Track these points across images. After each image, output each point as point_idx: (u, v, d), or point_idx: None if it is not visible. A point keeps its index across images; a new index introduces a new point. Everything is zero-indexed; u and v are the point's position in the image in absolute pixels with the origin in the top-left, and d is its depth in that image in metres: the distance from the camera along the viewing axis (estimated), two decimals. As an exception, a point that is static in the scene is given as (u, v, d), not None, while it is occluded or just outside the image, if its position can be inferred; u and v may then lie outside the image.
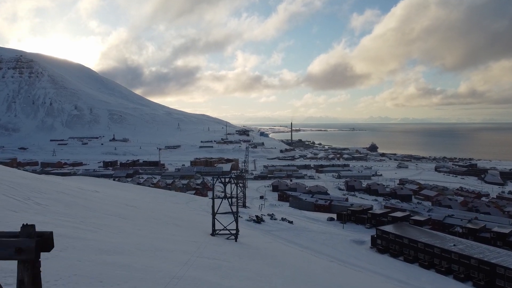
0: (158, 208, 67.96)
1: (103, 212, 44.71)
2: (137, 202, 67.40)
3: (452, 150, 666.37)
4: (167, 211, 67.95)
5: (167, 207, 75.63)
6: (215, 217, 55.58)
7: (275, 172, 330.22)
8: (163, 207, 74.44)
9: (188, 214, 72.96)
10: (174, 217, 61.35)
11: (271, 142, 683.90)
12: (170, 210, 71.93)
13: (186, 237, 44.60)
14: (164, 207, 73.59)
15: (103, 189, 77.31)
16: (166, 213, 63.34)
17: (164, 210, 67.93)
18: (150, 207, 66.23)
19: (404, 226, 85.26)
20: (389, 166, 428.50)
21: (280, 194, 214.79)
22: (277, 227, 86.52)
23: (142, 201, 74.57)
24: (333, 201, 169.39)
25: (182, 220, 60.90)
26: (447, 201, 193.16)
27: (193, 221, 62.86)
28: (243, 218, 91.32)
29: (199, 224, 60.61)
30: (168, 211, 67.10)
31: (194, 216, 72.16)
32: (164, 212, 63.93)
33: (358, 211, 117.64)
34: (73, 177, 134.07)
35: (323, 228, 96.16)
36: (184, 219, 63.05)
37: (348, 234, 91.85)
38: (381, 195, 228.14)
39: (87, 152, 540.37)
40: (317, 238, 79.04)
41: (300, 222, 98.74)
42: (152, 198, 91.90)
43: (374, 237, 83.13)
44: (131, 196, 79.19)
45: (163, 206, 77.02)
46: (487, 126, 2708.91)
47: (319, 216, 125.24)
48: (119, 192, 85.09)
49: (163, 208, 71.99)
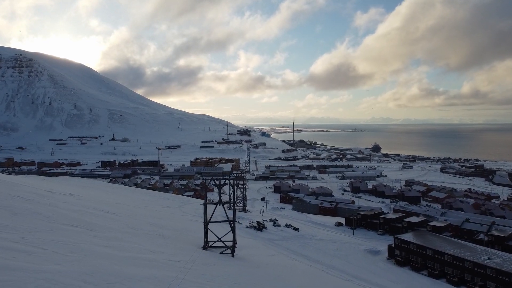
0: (143, 214, 58.91)
1: (63, 222, 35.40)
2: (119, 207, 58.35)
3: (456, 150, 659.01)
4: (154, 217, 58.85)
5: (155, 213, 66.57)
6: (208, 226, 46.28)
7: (277, 173, 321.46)
8: (150, 212, 65.35)
9: (179, 221, 63.69)
10: (161, 226, 52.07)
11: (272, 142, 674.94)
12: (158, 216, 62.84)
13: (169, 255, 35.22)
14: (151, 213, 64.54)
15: (84, 192, 68.26)
16: (151, 221, 54.08)
17: (150, 216, 58.85)
18: (133, 213, 57.11)
19: (425, 235, 75.66)
20: (393, 166, 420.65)
21: (283, 196, 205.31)
22: (280, 235, 77.10)
23: (126, 205, 65.58)
24: (339, 204, 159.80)
25: (169, 229, 51.61)
26: (458, 203, 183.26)
27: (183, 230, 53.55)
28: (243, 224, 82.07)
29: (189, 234, 51.28)
30: (154, 218, 57.99)
31: (186, 223, 62.90)
32: (149, 219, 54.72)
33: (369, 216, 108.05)
34: (59, 178, 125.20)
35: (332, 235, 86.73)
36: (173, 227, 53.76)
37: (360, 242, 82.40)
38: (388, 197, 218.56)
39: (86, 152, 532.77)
40: (326, 248, 69.68)
41: (306, 229, 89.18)
42: (141, 201, 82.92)
43: (392, 247, 73.61)
44: (115, 200, 70.26)
45: (150, 211, 68.00)
46: (490, 127, 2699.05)
47: (326, 220, 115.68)
48: (102, 195, 76.17)
49: (150, 213, 62.93)
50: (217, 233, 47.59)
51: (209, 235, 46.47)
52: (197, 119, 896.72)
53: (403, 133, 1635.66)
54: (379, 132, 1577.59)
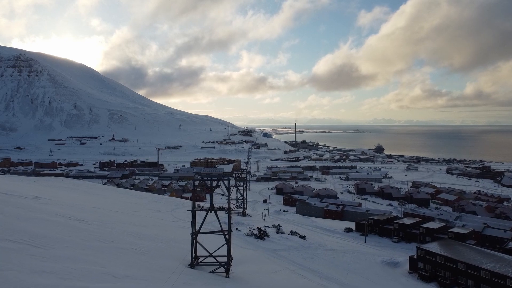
0: (123, 221, 49.98)
1: (2, 235, 26.34)
2: (94, 213, 49.47)
3: (460, 152, 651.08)
4: (135, 225, 49.87)
5: (140, 219, 57.59)
6: (198, 238, 37.14)
7: (279, 174, 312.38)
8: (133, 218, 56.33)
9: (167, 229, 54.58)
10: (142, 236, 42.88)
11: (274, 143, 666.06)
12: (142, 223, 53.87)
13: (138, 280, 26.08)
14: (134, 219, 55.56)
15: (59, 194, 59.35)
16: (131, 229, 44.97)
17: (131, 223, 49.91)
18: (110, 220, 48.11)
19: (453, 244, 66.10)
20: (398, 168, 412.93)
21: (285, 197, 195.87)
22: (285, 244, 67.68)
23: (105, 210, 56.71)
24: (346, 207, 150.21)
25: (152, 239, 42.45)
26: (471, 206, 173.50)
27: (169, 241, 44.35)
28: (242, 231, 72.78)
29: (176, 246, 42.08)
30: (136, 226, 49.03)
31: (175, 231, 53.71)
32: (129, 228, 45.65)
33: (382, 221, 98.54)
34: (45, 178, 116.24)
35: (342, 243, 77.35)
36: (157, 237, 44.61)
37: (375, 251, 73.04)
38: (396, 199, 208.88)
39: (85, 152, 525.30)
40: (339, 260, 60.44)
41: (314, 236, 79.74)
42: (127, 205, 74.02)
43: (414, 259, 64.16)
44: (95, 204, 61.45)
45: (134, 217, 59.05)
46: (492, 129, 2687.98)
47: (334, 225, 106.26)
48: (81, 197, 67.41)
49: (132, 220, 53.96)
50: (209, 245, 38.47)
51: (198, 248, 37.37)
52: (198, 120, 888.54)
53: (405, 134, 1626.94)
54: (381, 133, 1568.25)
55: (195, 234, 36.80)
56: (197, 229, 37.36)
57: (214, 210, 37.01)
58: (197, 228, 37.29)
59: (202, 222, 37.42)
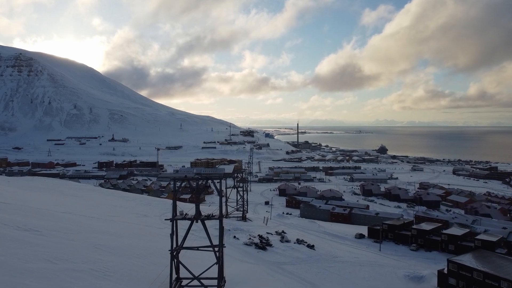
0: (95, 230, 41.25)
1: None
2: (58, 220, 40.78)
3: (464, 152, 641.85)
4: (110, 234, 41.13)
5: (118, 225, 48.86)
6: (180, 255, 28.17)
7: (281, 174, 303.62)
8: (109, 226, 47.52)
9: (150, 239, 45.69)
10: (112, 249, 33.99)
11: (276, 143, 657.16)
12: (119, 231, 45.12)
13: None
14: (110, 227, 46.80)
15: (25, 197, 50.53)
16: (102, 241, 36.13)
17: (104, 233, 41.21)
18: (76, 229, 39.33)
19: (490, 256, 56.82)
20: (403, 168, 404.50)
21: (289, 199, 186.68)
22: (291, 255, 58.35)
23: (78, 216, 48.09)
24: (354, 209, 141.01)
25: (125, 254, 33.57)
26: (484, 208, 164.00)
27: (146, 257, 35.45)
28: (240, 240, 63.48)
29: (155, 263, 33.14)
30: (109, 236, 40.32)
31: (157, 241, 44.55)
32: (100, 239, 36.84)
33: (398, 226, 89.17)
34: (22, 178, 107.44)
35: (356, 252, 68.23)
36: (131, 251, 35.71)
37: (394, 263, 63.96)
38: (404, 201, 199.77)
39: (85, 153, 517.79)
40: (355, 275, 51.44)
41: (323, 244, 70.50)
42: (109, 209, 65.33)
43: (444, 274, 55.04)
44: (68, 208, 52.84)
45: (113, 223, 50.29)
46: (495, 130, 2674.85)
47: (343, 230, 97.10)
48: (55, 201, 58.78)
49: (107, 228, 45.19)
50: (196, 264, 29.56)
51: (181, 269, 28.50)
52: (200, 120, 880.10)
53: (408, 135, 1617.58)
54: (383, 134, 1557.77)
55: (175, 251, 28.02)
56: (179, 243, 28.52)
57: (201, 218, 28.17)
58: (179, 242, 28.48)
59: (185, 234, 28.53)
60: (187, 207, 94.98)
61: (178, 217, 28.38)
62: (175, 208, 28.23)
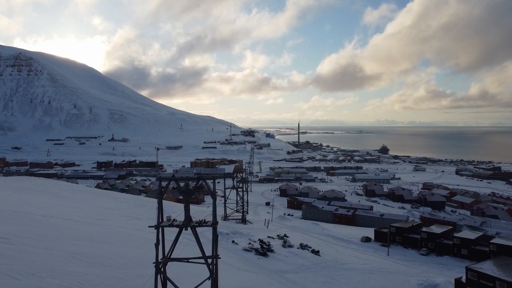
0: (76, 237, 37.01)
1: None
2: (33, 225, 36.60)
3: (467, 153, 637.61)
4: (91, 241, 36.86)
5: (103, 231, 44.58)
6: (167, 268, 23.89)
7: (282, 175, 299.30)
8: (94, 231, 43.21)
9: (135, 246, 41.29)
10: (91, 259, 29.75)
11: (277, 143, 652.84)
12: (104, 237, 40.85)
13: None
14: (95, 232, 42.50)
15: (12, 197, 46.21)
16: (79, 249, 31.88)
17: (85, 239, 36.96)
18: (53, 235, 35.10)
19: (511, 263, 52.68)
20: (405, 168, 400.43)
21: (290, 200, 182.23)
22: (295, 262, 53.98)
23: (60, 219, 43.85)
24: (357, 211, 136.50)
25: (105, 264, 29.36)
26: (491, 210, 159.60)
27: (131, 268, 31.16)
28: (240, 245, 58.88)
29: (141, 274, 28.91)
30: (91, 243, 36.07)
31: (148, 247, 39.88)
32: (78, 247, 32.62)
33: (407, 229, 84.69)
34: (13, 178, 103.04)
35: (363, 258, 63.87)
36: (114, 261, 31.44)
37: (405, 269, 59.59)
38: (408, 202, 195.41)
39: (84, 152, 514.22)
40: (364, 285, 46.98)
41: (328, 249, 66.01)
42: (98, 211, 61.06)
43: (462, 283, 50.61)
44: (50, 210, 48.59)
45: (98, 228, 46.04)
46: (496, 130, 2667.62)
47: (347, 233, 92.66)
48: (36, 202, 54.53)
49: (91, 234, 40.90)
50: (186, 278, 25.26)
51: (169, 285, 24.24)
52: (200, 120, 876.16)
53: (409, 135, 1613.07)
54: (384, 134, 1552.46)
55: (161, 264, 23.81)
56: (167, 253, 24.30)
57: (191, 225, 23.93)
58: (165, 253, 24.27)
59: (173, 243, 24.30)
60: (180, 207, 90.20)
61: (164, 223, 24.14)
62: (161, 212, 24.03)
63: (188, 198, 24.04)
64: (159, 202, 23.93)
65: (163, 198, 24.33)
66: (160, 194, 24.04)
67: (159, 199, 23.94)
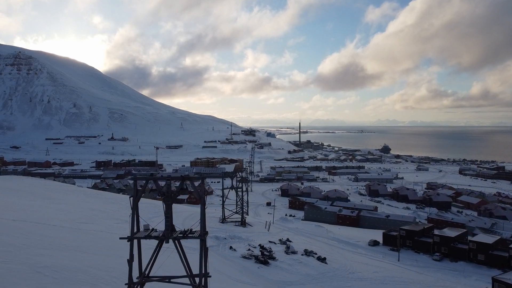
0: (50, 245, 32.18)
1: None
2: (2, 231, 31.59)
3: (469, 152, 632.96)
4: (67, 250, 32.08)
5: (85, 237, 39.72)
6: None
7: (283, 174, 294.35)
8: (73, 237, 38.33)
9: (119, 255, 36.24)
10: (58, 275, 25.15)
11: (278, 142, 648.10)
12: (84, 244, 36.05)
13: None
14: (74, 239, 37.65)
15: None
16: (50, 261, 27.18)
17: (60, 248, 32.14)
18: (22, 243, 30.15)
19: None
20: (407, 168, 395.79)
21: (292, 200, 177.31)
22: (299, 272, 48.61)
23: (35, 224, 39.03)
24: (362, 212, 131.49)
25: (76, 282, 24.55)
26: (500, 210, 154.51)
27: (108, 284, 26.18)
28: (238, 252, 53.49)
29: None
30: (67, 252, 31.28)
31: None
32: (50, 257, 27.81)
33: (418, 232, 79.47)
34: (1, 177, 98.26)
35: (373, 264, 58.83)
36: (89, 275, 26.54)
37: (419, 277, 54.55)
38: (413, 202, 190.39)
39: (83, 152, 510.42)
40: (379, 297, 42.63)
41: (334, 254, 60.84)
42: (85, 213, 56.17)
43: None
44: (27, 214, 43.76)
45: (79, 234, 41.20)
46: (497, 129, 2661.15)
47: (353, 235, 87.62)
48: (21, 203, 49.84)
49: (69, 241, 36.06)
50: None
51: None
52: (201, 119, 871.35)
53: (410, 134, 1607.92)
54: (385, 134, 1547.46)
55: (138, 284, 19.01)
56: (143, 272, 19.44)
57: (173, 237, 19.07)
58: (142, 269, 19.43)
59: (152, 258, 19.48)
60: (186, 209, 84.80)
61: (140, 235, 19.26)
62: (135, 220, 19.17)
63: (170, 202, 19.17)
64: (134, 207, 19.03)
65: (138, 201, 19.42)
66: (135, 197, 19.14)
67: (133, 204, 19.03)
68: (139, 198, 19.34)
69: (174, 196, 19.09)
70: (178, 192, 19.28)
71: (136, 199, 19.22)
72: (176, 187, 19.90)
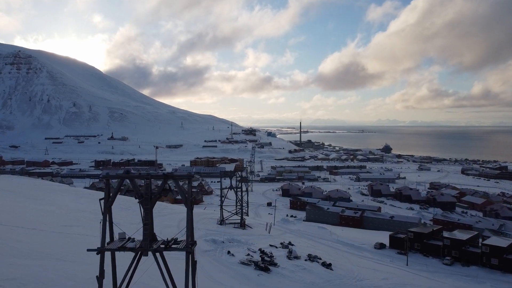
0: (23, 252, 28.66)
1: None
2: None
3: (470, 152, 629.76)
4: (40, 257, 28.58)
5: (66, 241, 36.16)
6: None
7: (284, 174, 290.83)
8: (51, 244, 34.83)
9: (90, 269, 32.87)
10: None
11: (279, 142, 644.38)
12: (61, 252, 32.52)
13: None
14: (52, 245, 34.10)
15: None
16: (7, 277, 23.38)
17: (35, 255, 28.69)
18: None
19: None
20: (409, 168, 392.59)
21: (293, 200, 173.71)
22: (303, 280, 44.71)
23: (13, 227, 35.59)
24: (365, 212, 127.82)
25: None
26: (506, 211, 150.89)
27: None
28: (236, 257, 49.81)
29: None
30: (41, 258, 27.77)
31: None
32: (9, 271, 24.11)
33: (427, 235, 75.66)
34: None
35: (380, 269, 55.32)
36: None
37: (431, 283, 50.98)
38: (416, 202, 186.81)
39: (83, 151, 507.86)
40: (391, 308, 39.16)
41: (339, 259, 57.38)
42: (73, 214, 52.70)
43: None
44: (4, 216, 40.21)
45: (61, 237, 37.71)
46: (498, 129, 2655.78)
47: (358, 237, 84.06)
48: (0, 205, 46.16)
49: (48, 246, 32.57)
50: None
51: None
52: (201, 119, 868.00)
53: (411, 134, 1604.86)
54: (386, 134, 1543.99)
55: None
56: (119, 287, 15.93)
57: (153, 249, 15.54)
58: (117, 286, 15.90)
59: (127, 273, 15.97)
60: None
61: (113, 246, 15.73)
62: (107, 228, 15.67)
63: (150, 206, 15.63)
64: (105, 212, 15.47)
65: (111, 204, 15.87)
66: (107, 200, 15.58)
67: (104, 208, 15.47)
68: (113, 200, 15.81)
69: (155, 198, 15.53)
70: (159, 193, 15.73)
71: (108, 202, 15.66)
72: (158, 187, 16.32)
